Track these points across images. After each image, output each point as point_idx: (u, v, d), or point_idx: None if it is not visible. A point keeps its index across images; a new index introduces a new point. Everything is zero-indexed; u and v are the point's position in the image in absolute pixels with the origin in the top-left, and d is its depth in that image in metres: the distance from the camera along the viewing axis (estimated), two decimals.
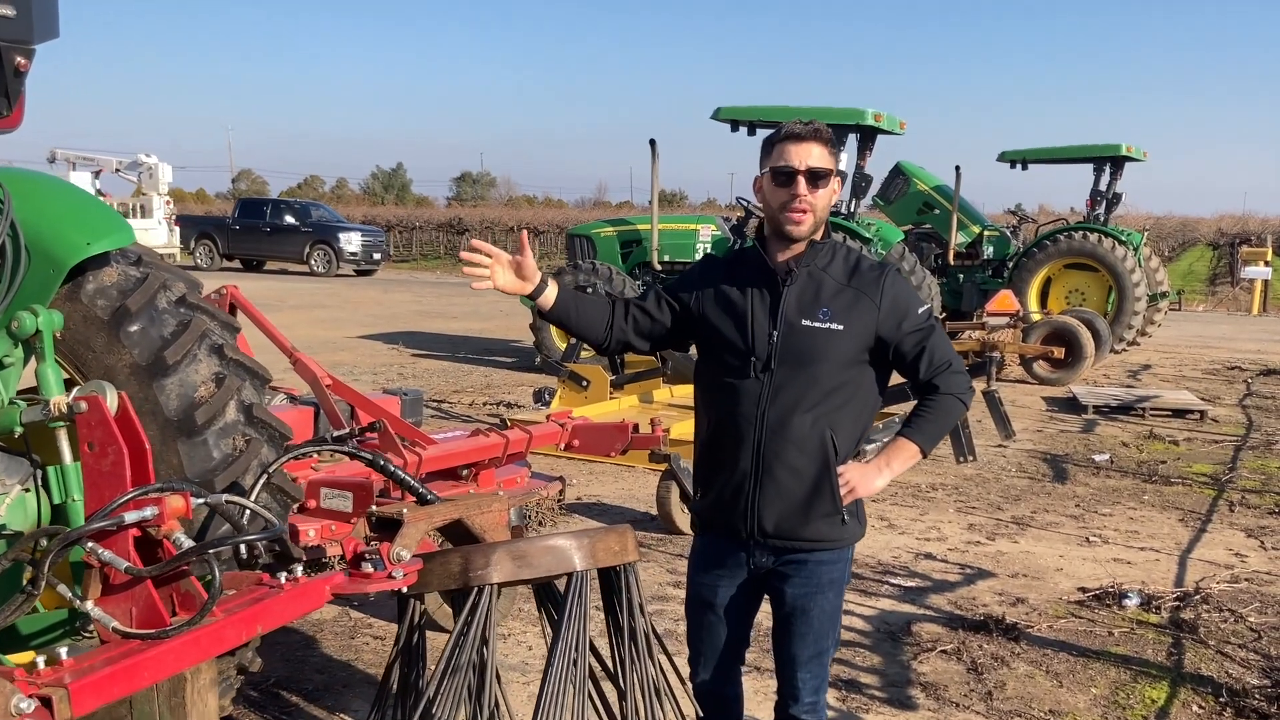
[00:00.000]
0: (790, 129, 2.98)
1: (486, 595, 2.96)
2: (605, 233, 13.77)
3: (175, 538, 2.54)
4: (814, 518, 3.01)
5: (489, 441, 6.15)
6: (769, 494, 3.00)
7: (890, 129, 12.74)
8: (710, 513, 3.17)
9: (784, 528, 3.02)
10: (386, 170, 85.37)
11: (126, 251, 3.50)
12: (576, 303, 3.19)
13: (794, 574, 3.07)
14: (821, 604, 3.08)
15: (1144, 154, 16.38)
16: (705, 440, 3.18)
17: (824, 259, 3.03)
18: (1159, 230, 37.14)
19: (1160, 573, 6.35)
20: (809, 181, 2.94)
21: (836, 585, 3.10)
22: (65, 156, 27.26)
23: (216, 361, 3.41)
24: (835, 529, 3.04)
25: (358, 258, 30.76)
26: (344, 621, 5.20)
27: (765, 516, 3.02)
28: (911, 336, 3.00)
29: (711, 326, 3.10)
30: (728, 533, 3.11)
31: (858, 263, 3.05)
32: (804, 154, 2.93)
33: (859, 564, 6.33)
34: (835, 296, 2.98)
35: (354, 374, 12.77)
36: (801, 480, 2.99)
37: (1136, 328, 15.59)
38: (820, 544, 3.04)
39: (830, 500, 3.00)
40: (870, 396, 3.07)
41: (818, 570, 3.05)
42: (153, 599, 2.53)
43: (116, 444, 2.54)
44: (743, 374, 3.00)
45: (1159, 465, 9.17)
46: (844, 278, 3.01)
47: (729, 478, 3.07)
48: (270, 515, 2.63)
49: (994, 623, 5.35)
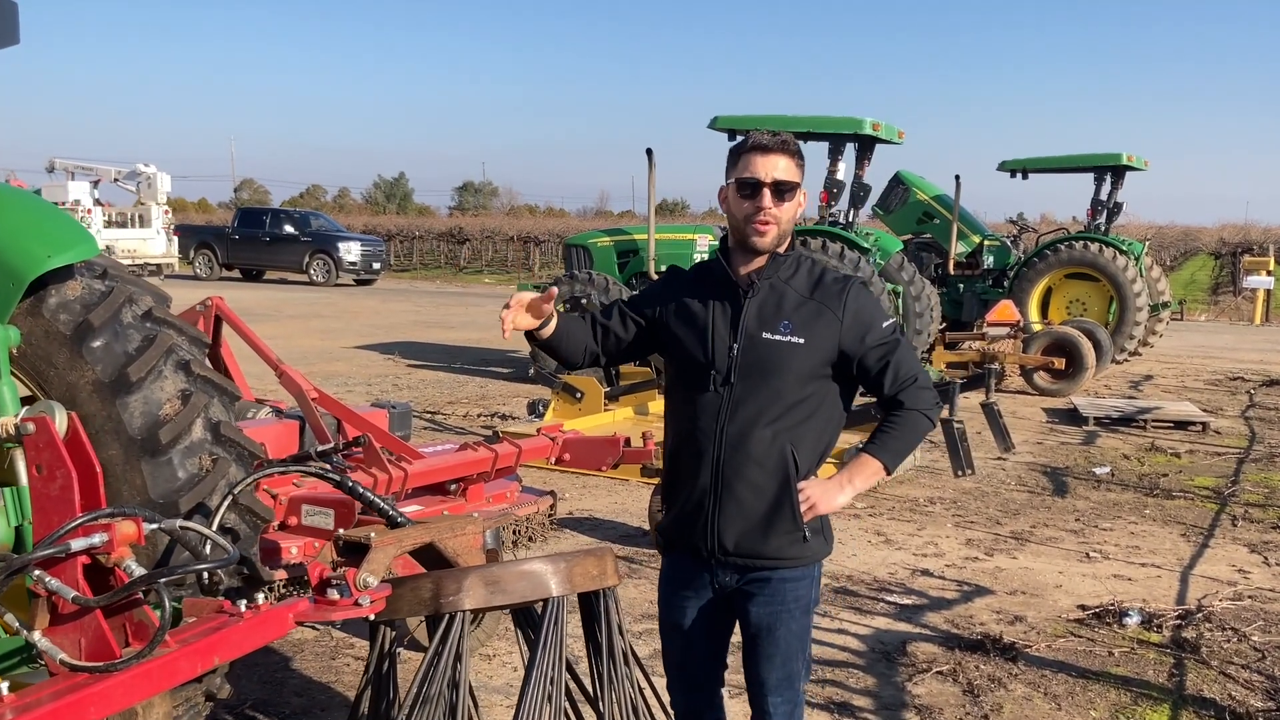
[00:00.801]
0: (757, 139, 2.94)
1: (459, 622, 2.85)
2: (602, 243, 13.67)
3: (126, 565, 2.43)
4: (774, 535, 2.95)
5: (477, 456, 6.04)
6: (729, 511, 2.94)
7: (889, 138, 12.62)
8: (672, 531, 3.12)
9: (744, 545, 2.96)
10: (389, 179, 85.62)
11: (92, 264, 3.40)
12: (565, 332, 3.12)
13: (759, 593, 3.00)
14: (789, 624, 3.01)
15: (1145, 163, 16.28)
16: (668, 455, 3.15)
17: (787, 271, 2.98)
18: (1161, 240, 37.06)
19: (1162, 590, 6.23)
20: (774, 194, 2.90)
21: (803, 605, 3.03)
22: (64, 166, 27.21)
23: (183, 378, 3.30)
24: (797, 546, 2.97)
25: (357, 267, 30.66)
26: (325, 642, 5.09)
27: (725, 534, 2.96)
28: (876, 350, 2.95)
29: (674, 339, 3.06)
30: (690, 551, 3.06)
31: (821, 275, 3.00)
32: (770, 166, 2.89)
33: (854, 581, 6.21)
34: (797, 309, 2.94)
35: (348, 385, 12.67)
36: (762, 497, 2.93)
37: (1138, 338, 15.47)
38: (782, 562, 2.97)
39: (791, 517, 2.93)
40: (834, 411, 3.02)
41: (782, 589, 2.98)
42: (102, 630, 2.42)
43: (65, 467, 2.43)
44: (703, 387, 2.96)
45: (1160, 478, 9.05)
46: (807, 290, 2.96)
47: (690, 494, 3.01)
48: (224, 542, 2.51)
49: (991, 642, 5.23)
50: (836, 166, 12.63)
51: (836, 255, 11.91)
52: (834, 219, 12.71)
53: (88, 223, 24.89)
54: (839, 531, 7.22)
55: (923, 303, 13.54)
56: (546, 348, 3.13)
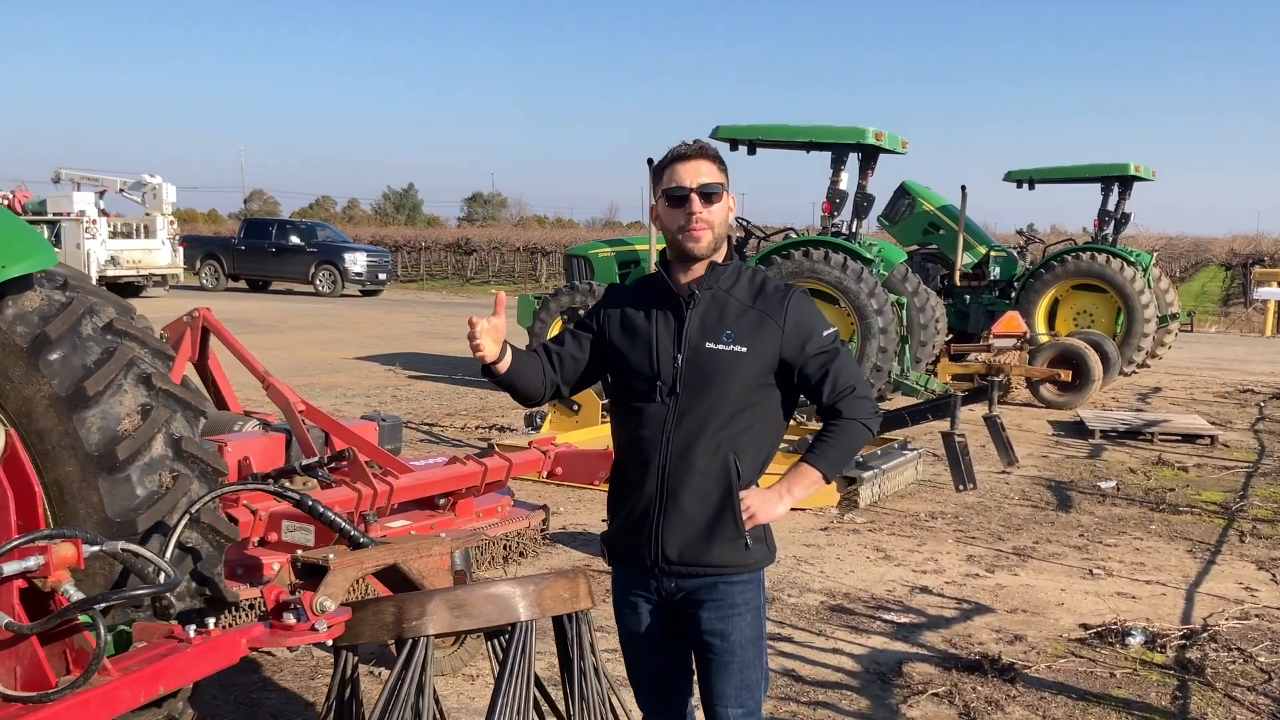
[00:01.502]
0: (677, 151, 2.98)
1: (422, 648, 2.74)
2: (603, 253, 13.57)
3: (64, 589, 2.33)
4: (717, 543, 2.95)
5: (466, 470, 5.94)
6: (673, 520, 2.95)
7: (892, 148, 12.50)
8: (617, 542, 3.11)
9: (688, 554, 2.96)
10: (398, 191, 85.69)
11: (53, 275, 3.30)
12: (522, 365, 3.08)
13: (706, 599, 2.99)
14: (740, 627, 2.99)
15: (1153, 173, 16.13)
16: (614, 467, 3.13)
17: (728, 281, 3.00)
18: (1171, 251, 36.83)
19: (1166, 608, 6.08)
20: (702, 199, 2.93)
21: (753, 609, 3.02)
22: (70, 176, 27.21)
23: (144, 392, 3.19)
24: (739, 554, 2.97)
25: (363, 278, 30.62)
26: (305, 661, 4.97)
27: (669, 544, 2.96)
28: (816, 359, 2.96)
29: (618, 353, 3.06)
30: (635, 562, 3.04)
31: (763, 284, 3.02)
32: (693, 172, 2.93)
33: (851, 599, 6.08)
34: (739, 318, 2.95)
35: (347, 396, 12.58)
36: (705, 505, 2.94)
37: (1146, 350, 15.29)
38: (725, 569, 2.97)
39: (733, 525, 2.94)
40: (776, 420, 3.05)
41: (729, 592, 2.98)
42: (38, 657, 2.31)
43: (1, 487, 2.33)
44: (648, 399, 2.97)
45: (1167, 493, 8.89)
46: (749, 299, 2.98)
47: (635, 504, 3.01)
48: (165, 565, 2.40)
49: (989, 663, 5.09)
50: (839, 177, 12.49)
51: (839, 266, 11.80)
52: (837, 229, 12.59)
53: (93, 233, 24.90)
54: (836, 547, 7.10)
55: (927, 314, 13.40)
56: (504, 383, 3.09)
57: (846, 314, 12.02)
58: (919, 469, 9.13)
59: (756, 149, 12.62)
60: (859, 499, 8.06)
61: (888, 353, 11.80)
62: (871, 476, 8.16)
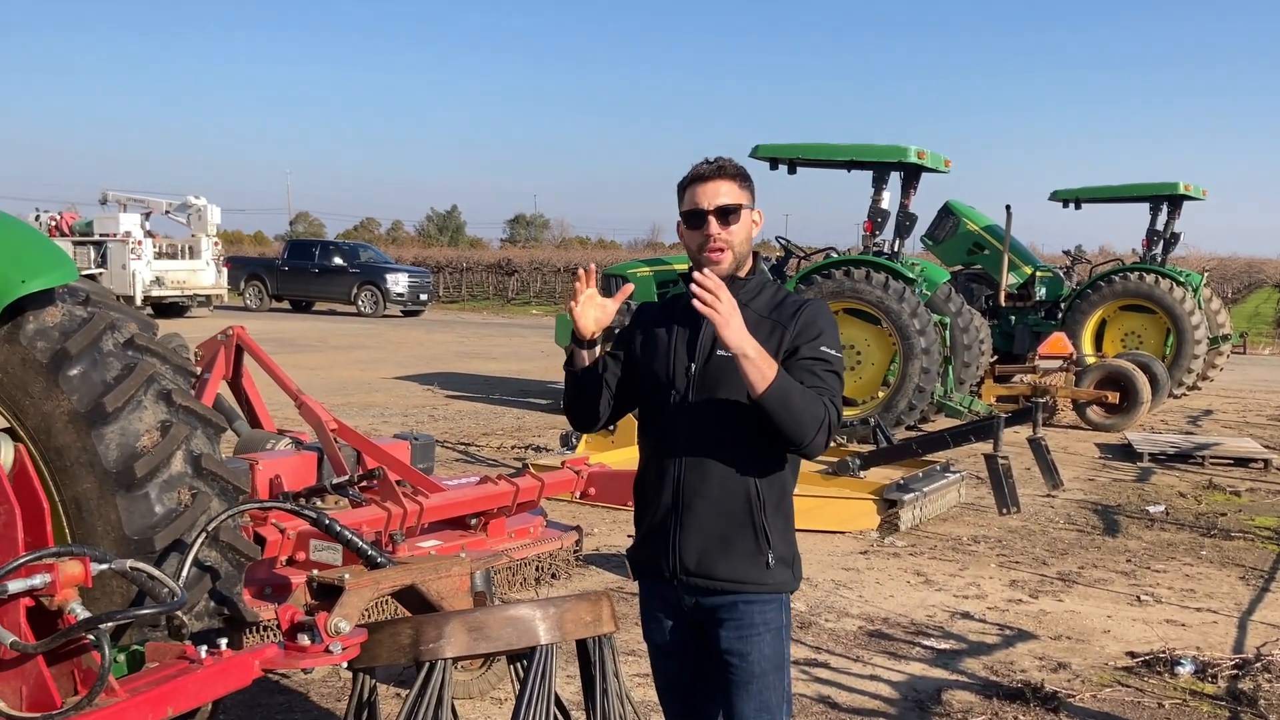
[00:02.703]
0: (696, 171, 2.96)
1: (440, 671, 2.65)
2: (641, 273, 13.49)
3: (71, 608, 2.28)
4: (734, 555, 2.89)
5: (498, 490, 5.88)
6: (689, 529, 2.91)
7: (935, 167, 12.37)
8: (639, 554, 3.07)
9: (704, 565, 2.91)
10: (441, 212, 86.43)
11: (75, 290, 3.28)
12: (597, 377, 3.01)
13: (726, 616, 2.92)
14: (760, 647, 2.91)
15: (1203, 192, 15.86)
16: (636, 481, 3.10)
17: (749, 294, 2.95)
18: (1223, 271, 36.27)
19: (1217, 637, 5.88)
20: (719, 219, 2.91)
21: (774, 629, 2.93)
22: (116, 198, 27.60)
23: (163, 408, 3.15)
24: (759, 571, 2.90)
25: (404, 298, 30.79)
26: (332, 682, 4.91)
27: (686, 553, 2.92)
28: (805, 362, 2.84)
29: (640, 367, 3.03)
30: (655, 574, 3.00)
31: (783, 299, 2.99)
32: (711, 193, 2.91)
33: (890, 624, 5.94)
34: (754, 328, 2.85)
35: (384, 416, 12.58)
36: (721, 515, 2.89)
37: (1196, 372, 15.00)
38: (744, 586, 2.90)
39: (752, 539, 2.89)
40: None
41: (749, 610, 2.91)
42: (43, 677, 2.26)
43: (8, 503, 2.29)
44: (664, 409, 2.95)
45: (1219, 518, 8.65)
46: (766, 311, 2.95)
47: (654, 515, 2.98)
48: (173, 584, 2.34)
49: (1032, 691, 4.94)
50: (881, 196, 12.38)
51: (881, 286, 11.66)
52: (879, 249, 12.46)
53: (138, 254, 25.23)
54: (876, 571, 6.96)
55: (971, 334, 13.22)
56: (580, 383, 3.00)
57: (888, 334, 11.87)
58: (961, 492, 8.95)
59: (797, 168, 12.52)
60: (900, 522, 7.91)
61: (930, 373, 11.63)
62: (913, 499, 8.01)
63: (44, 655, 2.25)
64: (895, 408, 11.68)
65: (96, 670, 2.36)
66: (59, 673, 2.33)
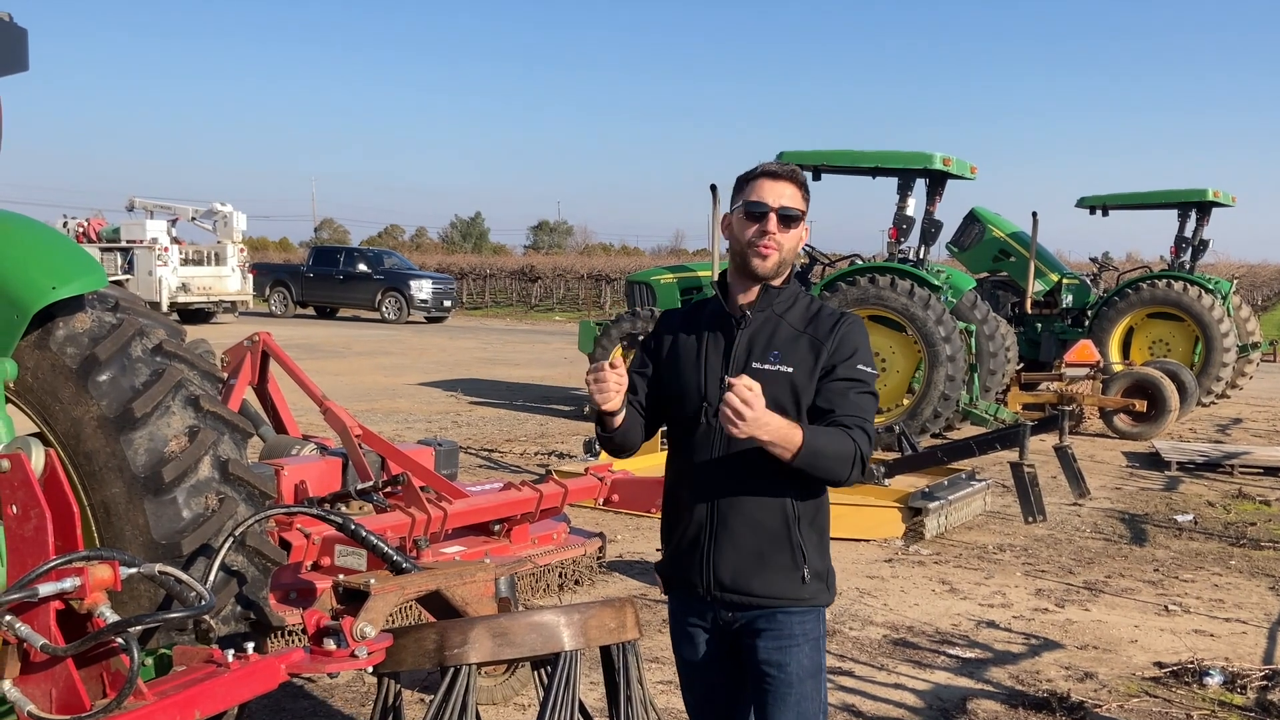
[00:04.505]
0: (766, 167, 2.95)
1: (464, 676, 2.66)
2: (665, 279, 13.49)
3: (100, 611, 2.29)
4: (771, 571, 2.87)
5: (521, 496, 5.89)
6: (724, 546, 2.88)
7: (960, 173, 12.32)
8: (669, 569, 3.05)
9: (740, 582, 2.88)
10: (465, 219, 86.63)
11: (105, 296, 3.31)
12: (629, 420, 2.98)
13: (764, 628, 2.90)
14: (798, 658, 2.88)
15: (1232, 199, 15.72)
16: (666, 493, 3.07)
17: (783, 305, 2.94)
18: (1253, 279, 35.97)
19: (1247, 647, 5.82)
20: (780, 220, 2.89)
21: (812, 641, 2.91)
22: (143, 205, 27.86)
23: (191, 414, 3.18)
24: (795, 587, 2.88)
25: (428, 305, 30.93)
26: (356, 687, 4.93)
27: (721, 570, 2.89)
28: (840, 384, 2.82)
29: (670, 376, 3.00)
30: (688, 589, 2.97)
31: (819, 311, 2.96)
32: (778, 193, 2.89)
33: (915, 632, 5.91)
34: (789, 342, 2.88)
35: (408, 422, 12.63)
36: (757, 531, 2.86)
37: (1225, 380, 14.86)
38: (780, 601, 2.88)
39: (789, 554, 2.87)
40: None
41: (787, 622, 2.89)
42: (73, 680, 2.28)
43: (39, 507, 2.30)
44: (696, 422, 2.90)
45: (1248, 527, 8.56)
46: (801, 324, 2.92)
47: (686, 530, 2.95)
48: (202, 588, 2.35)
49: (1058, 701, 4.90)
50: (906, 202, 12.34)
51: (906, 293, 11.62)
52: (904, 256, 12.41)
53: (165, 260, 25.44)
54: (901, 579, 6.93)
55: (997, 342, 13.14)
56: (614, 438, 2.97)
57: (914, 341, 11.83)
58: (987, 500, 8.90)
59: (822, 174, 12.50)
60: (925, 530, 7.88)
61: (956, 381, 11.58)
62: (938, 507, 7.97)
63: (73, 658, 2.26)
64: (920, 415, 11.63)
65: (125, 673, 2.37)
66: (88, 675, 2.35)
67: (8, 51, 3.05)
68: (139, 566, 2.33)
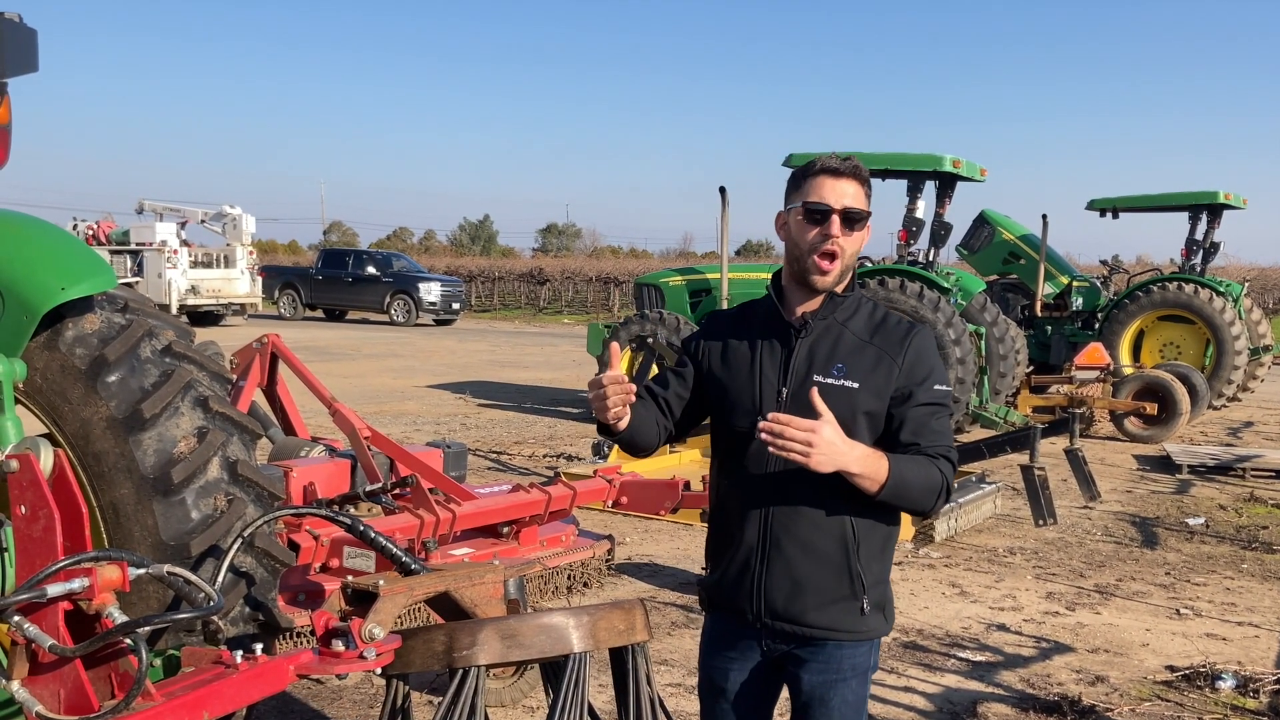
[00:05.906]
0: (826, 163, 2.64)
1: (473, 678, 2.65)
2: (674, 282, 13.49)
3: (109, 612, 2.28)
4: (828, 602, 2.67)
5: (530, 498, 5.88)
6: (776, 572, 2.67)
7: (970, 175, 12.29)
8: (716, 591, 2.84)
9: (793, 611, 2.68)
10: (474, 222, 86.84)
11: (114, 297, 3.31)
12: (639, 420, 2.76)
13: (811, 659, 2.72)
14: (843, 693, 2.71)
15: (1244, 201, 15.65)
16: (713, 510, 2.87)
17: (845, 312, 2.71)
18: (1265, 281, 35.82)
19: (1259, 651, 5.79)
20: (844, 222, 2.62)
21: (861, 674, 2.74)
22: (153, 207, 27.96)
23: (200, 415, 3.17)
24: (852, 619, 2.68)
25: (437, 307, 30.97)
26: (364, 689, 4.92)
27: (774, 597, 2.69)
28: (920, 410, 2.62)
29: (719, 385, 2.78)
30: (734, 614, 2.78)
31: (884, 319, 2.72)
32: (841, 192, 2.61)
33: (925, 635, 5.89)
34: (854, 353, 2.65)
35: (417, 424, 12.63)
36: (812, 557, 2.65)
37: (1237, 383, 14.79)
38: (835, 633, 2.68)
39: (847, 584, 2.66)
40: None
41: (838, 654, 2.70)
42: (81, 680, 2.27)
43: (48, 507, 2.30)
44: (750, 436, 2.62)
45: (1260, 531, 8.52)
46: (866, 334, 2.69)
47: (736, 553, 2.75)
48: (210, 589, 2.34)
49: (1069, 704, 4.88)
50: (916, 205, 12.32)
51: (915, 295, 11.59)
52: (913, 258, 12.39)
53: (174, 262, 25.51)
54: (911, 582, 6.90)
55: (1007, 344, 13.11)
56: (622, 441, 2.79)
57: None
58: (997, 503, 8.87)
59: None
60: (935, 533, 7.85)
61: (965, 384, 11.55)
62: (948, 510, 7.94)
63: (82, 659, 2.26)
64: None
65: (133, 674, 2.36)
66: (96, 676, 2.34)
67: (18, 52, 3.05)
68: (148, 567, 2.32)
